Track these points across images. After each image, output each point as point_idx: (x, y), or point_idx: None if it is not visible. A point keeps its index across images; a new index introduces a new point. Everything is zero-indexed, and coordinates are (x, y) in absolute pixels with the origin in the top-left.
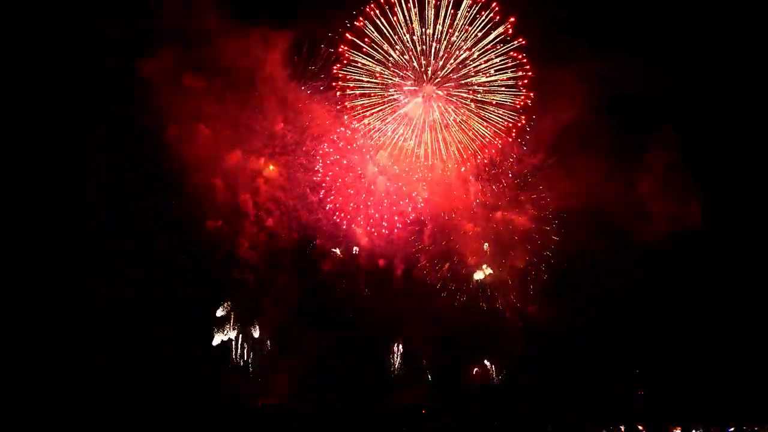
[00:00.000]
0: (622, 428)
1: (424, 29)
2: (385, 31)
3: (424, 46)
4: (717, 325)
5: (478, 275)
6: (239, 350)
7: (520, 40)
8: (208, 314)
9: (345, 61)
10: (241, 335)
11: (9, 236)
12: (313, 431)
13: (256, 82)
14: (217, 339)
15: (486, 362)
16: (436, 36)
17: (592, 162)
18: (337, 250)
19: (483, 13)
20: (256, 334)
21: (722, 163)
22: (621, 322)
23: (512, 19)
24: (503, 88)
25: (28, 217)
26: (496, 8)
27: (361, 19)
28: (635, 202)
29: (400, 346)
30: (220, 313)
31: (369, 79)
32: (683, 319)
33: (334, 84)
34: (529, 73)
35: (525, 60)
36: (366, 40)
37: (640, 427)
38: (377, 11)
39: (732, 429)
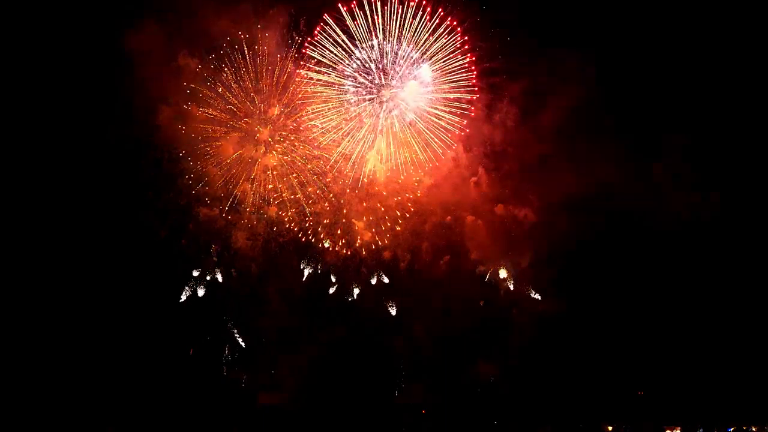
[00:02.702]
0: (623, 428)
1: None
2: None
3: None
4: (717, 325)
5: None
6: (239, 347)
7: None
8: (207, 311)
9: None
10: (241, 331)
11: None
12: (313, 431)
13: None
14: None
15: (487, 362)
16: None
17: (597, 153)
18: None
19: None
20: (257, 330)
21: (734, 156)
22: (621, 322)
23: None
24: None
25: (21, 216)
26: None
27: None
28: (633, 202)
29: (402, 345)
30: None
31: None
32: (684, 319)
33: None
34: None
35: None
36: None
37: (640, 427)
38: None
39: (732, 429)
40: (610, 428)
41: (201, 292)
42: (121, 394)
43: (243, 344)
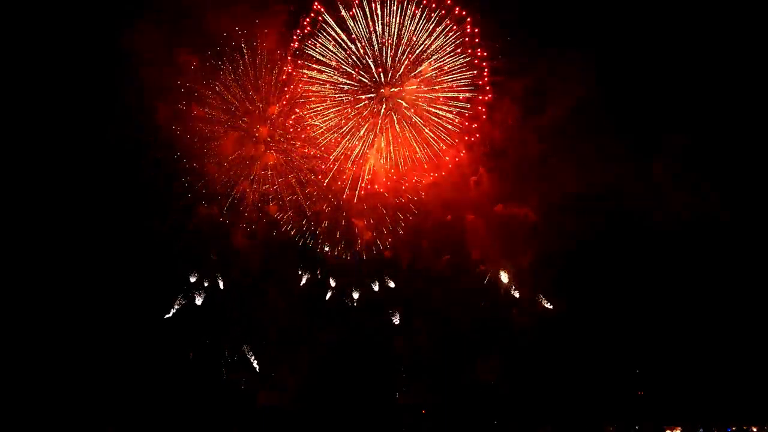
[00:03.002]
0: (623, 428)
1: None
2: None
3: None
4: (717, 325)
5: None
6: (239, 347)
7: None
8: (207, 311)
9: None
10: (241, 332)
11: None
12: (313, 431)
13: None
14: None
15: (487, 362)
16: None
17: (597, 153)
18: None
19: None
20: (257, 329)
21: (734, 156)
22: (622, 322)
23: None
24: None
25: (22, 217)
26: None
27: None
28: (633, 202)
29: (402, 346)
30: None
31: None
32: (684, 319)
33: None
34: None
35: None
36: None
37: (640, 427)
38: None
39: (732, 429)
40: (610, 428)
41: (201, 293)
42: (121, 395)
43: (243, 344)
